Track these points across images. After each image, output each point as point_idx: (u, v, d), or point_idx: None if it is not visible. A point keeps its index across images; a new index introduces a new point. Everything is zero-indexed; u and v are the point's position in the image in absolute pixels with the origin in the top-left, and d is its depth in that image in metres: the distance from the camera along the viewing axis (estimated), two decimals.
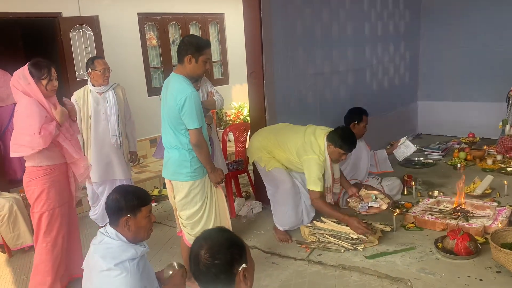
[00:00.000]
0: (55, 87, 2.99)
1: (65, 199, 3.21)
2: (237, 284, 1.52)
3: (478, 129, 6.54)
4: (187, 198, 3.08)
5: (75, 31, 5.70)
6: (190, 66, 2.93)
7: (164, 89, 3.11)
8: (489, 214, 3.91)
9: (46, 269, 3.17)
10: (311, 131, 3.76)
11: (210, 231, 1.62)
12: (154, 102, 6.70)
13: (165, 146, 3.13)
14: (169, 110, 2.97)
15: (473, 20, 6.78)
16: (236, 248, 1.55)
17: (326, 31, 5.35)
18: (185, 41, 2.98)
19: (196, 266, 1.53)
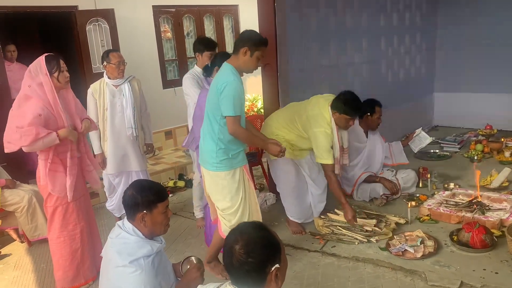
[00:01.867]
0: (67, 78, 3.02)
1: (80, 192, 3.23)
2: (268, 283, 1.52)
3: (495, 121, 6.43)
4: (216, 188, 3.07)
5: (91, 24, 5.76)
6: (244, 58, 2.93)
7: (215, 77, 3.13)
8: (506, 207, 3.87)
9: (66, 263, 3.21)
10: (315, 103, 3.68)
11: (248, 226, 1.60)
12: (169, 94, 6.77)
13: (201, 132, 3.15)
14: (210, 95, 2.98)
15: (491, 11, 6.64)
16: (272, 248, 1.54)
17: (340, 23, 5.31)
18: (245, 34, 3.00)
19: (229, 259, 1.52)
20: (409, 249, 3.32)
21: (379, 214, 4.01)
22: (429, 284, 2.99)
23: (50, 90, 2.94)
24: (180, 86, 4.34)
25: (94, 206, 4.96)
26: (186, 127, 6.75)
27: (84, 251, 3.26)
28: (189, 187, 5.24)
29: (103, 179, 4.21)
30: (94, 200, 5.03)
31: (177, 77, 6.96)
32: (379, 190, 4.32)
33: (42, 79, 2.92)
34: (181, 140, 6.84)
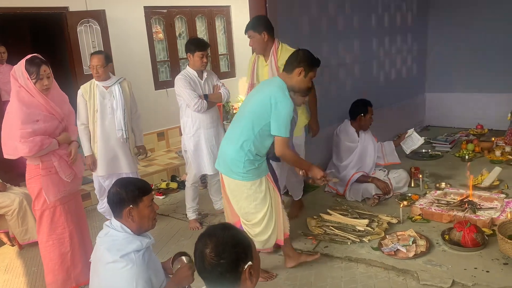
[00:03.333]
0: (45, 86, 2.92)
1: (69, 196, 3.19)
2: (243, 282, 1.52)
3: (486, 120, 6.49)
4: (241, 196, 3.03)
5: (82, 26, 5.73)
6: (298, 78, 2.98)
7: (260, 86, 3.15)
8: (496, 206, 3.89)
9: (56, 267, 3.18)
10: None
11: (215, 228, 1.60)
12: (161, 95, 6.75)
13: (226, 137, 3.10)
14: (257, 102, 2.95)
15: (482, 11, 6.69)
16: (242, 246, 1.54)
17: (332, 24, 5.32)
18: (300, 54, 3.02)
19: (201, 263, 1.52)
20: (402, 249, 3.33)
21: (371, 214, 4.03)
22: (421, 283, 3.00)
23: (37, 93, 2.92)
24: (172, 87, 4.34)
25: (86, 208, 4.91)
26: (178, 129, 6.73)
27: (74, 254, 3.22)
28: (182, 188, 5.23)
29: (94, 182, 4.19)
30: (86, 202, 5.00)
31: (169, 78, 6.94)
32: (371, 190, 4.33)
33: (25, 84, 2.90)
34: (174, 141, 6.85)
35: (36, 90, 2.90)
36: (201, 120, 3.99)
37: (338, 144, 4.57)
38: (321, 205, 4.36)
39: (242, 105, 3.19)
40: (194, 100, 3.89)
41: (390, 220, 3.86)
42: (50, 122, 2.98)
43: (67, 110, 3.18)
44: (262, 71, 3.72)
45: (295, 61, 2.98)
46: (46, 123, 2.95)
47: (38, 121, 2.92)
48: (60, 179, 3.07)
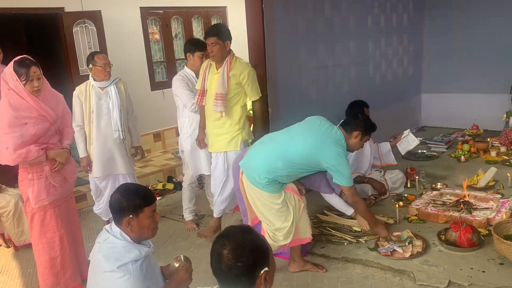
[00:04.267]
0: (36, 88, 2.90)
1: (61, 200, 3.17)
2: (257, 287, 1.51)
3: (482, 121, 6.52)
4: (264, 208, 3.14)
5: (77, 26, 5.72)
6: (355, 140, 3.22)
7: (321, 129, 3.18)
8: (492, 206, 3.91)
9: (46, 271, 3.17)
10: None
11: (235, 230, 1.59)
12: (157, 96, 6.74)
13: (263, 147, 3.18)
14: (311, 147, 3.05)
15: (477, 12, 6.72)
16: (260, 251, 1.53)
17: (328, 24, 5.33)
18: (361, 119, 3.26)
19: (217, 264, 1.51)
20: (398, 249, 3.34)
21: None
22: (417, 283, 3.01)
23: (27, 95, 2.89)
24: (169, 88, 4.35)
25: (82, 210, 4.95)
26: (175, 129, 6.72)
27: (64, 259, 3.19)
28: (178, 189, 5.22)
29: (90, 183, 4.17)
30: (81, 203, 5.00)
31: (165, 79, 6.93)
32: (367, 190, 4.34)
33: (15, 85, 2.87)
34: (170, 142, 6.84)
35: (26, 92, 2.87)
36: (198, 120, 3.99)
37: None
38: (317, 206, 4.34)
39: (295, 126, 3.25)
40: (191, 100, 3.90)
41: (387, 221, 3.87)
42: (40, 124, 2.94)
43: (61, 112, 3.14)
44: (212, 78, 3.72)
45: (354, 124, 3.21)
46: (36, 126, 2.91)
47: (26, 124, 2.88)
48: (50, 183, 3.06)
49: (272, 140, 3.21)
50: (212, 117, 3.76)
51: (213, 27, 3.90)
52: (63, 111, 3.17)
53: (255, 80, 3.74)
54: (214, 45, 3.59)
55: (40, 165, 3.01)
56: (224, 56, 3.67)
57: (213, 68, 3.75)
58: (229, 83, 3.63)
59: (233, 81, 3.64)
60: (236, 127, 3.74)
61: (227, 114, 3.69)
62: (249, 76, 3.66)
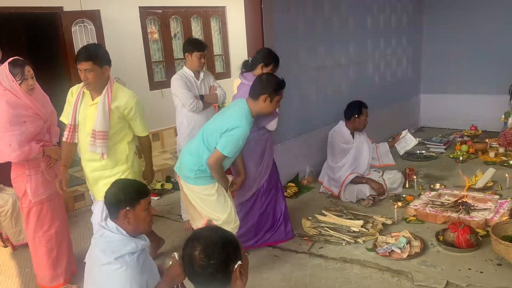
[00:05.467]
0: (30, 86, 3.00)
1: (54, 194, 3.23)
2: (233, 282, 1.51)
3: (480, 122, 6.53)
4: (203, 203, 3.14)
5: (76, 26, 5.71)
6: (263, 104, 3.04)
7: (227, 106, 3.26)
8: (490, 207, 3.92)
9: (43, 263, 3.22)
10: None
11: (202, 231, 1.60)
12: (156, 96, 6.73)
13: (187, 146, 3.24)
14: (217, 122, 3.08)
15: (476, 13, 6.74)
16: (230, 246, 1.53)
17: (327, 25, 5.34)
18: (264, 80, 3.06)
19: (190, 267, 1.51)
20: (396, 250, 3.34)
21: (366, 215, 4.04)
22: (415, 284, 3.01)
23: (23, 94, 2.98)
24: (168, 87, 4.35)
25: (80, 209, 4.95)
26: (173, 129, 6.71)
27: (60, 251, 3.27)
28: (177, 189, 5.21)
29: None
30: (80, 203, 4.99)
31: (164, 78, 6.92)
32: (366, 191, 4.34)
33: (10, 86, 2.96)
34: (169, 142, 6.83)
35: (22, 91, 2.97)
36: (197, 120, 3.98)
37: (333, 145, 4.57)
38: (316, 206, 4.37)
39: (208, 122, 3.25)
40: (189, 100, 3.89)
41: (385, 221, 3.88)
42: (36, 122, 3.03)
43: (50, 111, 3.23)
44: (86, 111, 3.03)
45: (260, 88, 3.02)
46: (33, 124, 3.01)
47: (25, 122, 2.97)
48: (46, 178, 3.15)
49: (195, 138, 3.26)
50: (88, 157, 3.09)
51: (87, 49, 2.96)
52: (51, 110, 3.25)
53: (143, 112, 3.16)
54: (89, 71, 2.87)
55: (36, 161, 3.09)
56: (103, 85, 2.98)
57: (87, 98, 3.03)
58: (111, 117, 2.98)
59: (116, 114, 3.00)
60: (123, 167, 3.11)
61: (110, 154, 3.04)
62: (137, 108, 3.08)
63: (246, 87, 3.27)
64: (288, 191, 4.72)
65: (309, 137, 5.17)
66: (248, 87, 3.17)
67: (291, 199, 4.64)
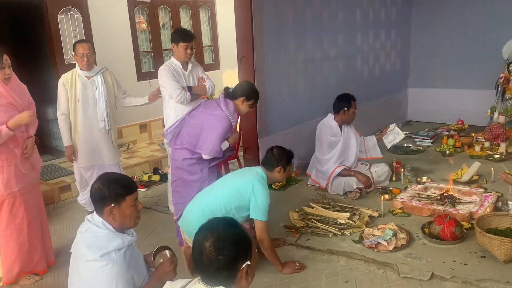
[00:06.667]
0: (7, 75, 2.96)
1: (28, 187, 3.20)
2: (238, 280, 1.51)
3: (467, 116, 6.59)
4: None
5: (63, 14, 5.61)
6: (278, 175, 3.29)
7: None
8: (475, 200, 3.96)
9: (12, 257, 3.19)
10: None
11: (218, 222, 1.57)
12: (144, 86, 6.64)
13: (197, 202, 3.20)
14: (237, 183, 3.15)
15: (464, 8, 6.78)
16: (242, 244, 1.53)
17: (317, 17, 5.32)
18: (275, 154, 3.29)
19: (199, 256, 1.50)
20: (382, 242, 3.37)
21: (353, 207, 4.06)
22: (401, 276, 3.04)
23: None
24: (156, 78, 4.30)
25: (66, 200, 4.90)
26: (161, 120, 6.66)
27: (32, 245, 3.23)
28: (164, 181, 5.19)
29: (75, 173, 4.12)
30: (66, 194, 4.95)
31: (152, 69, 6.85)
32: (353, 183, 4.36)
33: None
34: (156, 133, 6.78)
35: None
36: (184, 111, 3.95)
37: (321, 138, 4.58)
38: (303, 198, 4.38)
39: (216, 182, 3.34)
40: (177, 91, 3.86)
41: (372, 214, 3.90)
42: (10, 112, 2.99)
43: (27, 101, 3.18)
44: None
45: (273, 160, 3.26)
46: (6, 114, 2.97)
47: None
48: (19, 170, 3.11)
49: (200, 194, 3.26)
50: None
51: None
52: (28, 101, 3.21)
53: None
54: None
55: (11, 153, 3.05)
56: None
57: None
58: None
59: None
60: None
61: None
62: None
63: (226, 121, 3.44)
64: (276, 183, 4.72)
65: (298, 129, 5.17)
66: (228, 123, 3.44)
67: (279, 191, 4.65)
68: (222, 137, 3.45)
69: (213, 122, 3.45)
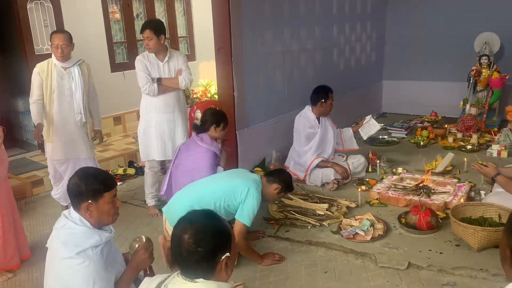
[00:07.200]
0: None
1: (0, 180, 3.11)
2: (217, 272, 1.50)
3: (440, 108, 6.72)
4: None
5: (32, 3, 5.42)
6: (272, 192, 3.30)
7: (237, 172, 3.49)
8: (449, 190, 4.05)
9: None
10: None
11: (197, 214, 1.55)
12: (117, 78, 6.52)
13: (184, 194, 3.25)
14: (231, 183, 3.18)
15: (438, 2, 6.89)
16: (221, 236, 1.51)
17: (294, 8, 5.30)
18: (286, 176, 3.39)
19: (177, 248, 1.48)
20: (360, 232, 3.40)
21: (331, 198, 4.09)
22: (379, 265, 3.08)
23: None
24: (129, 69, 4.24)
25: (39, 195, 4.76)
26: (136, 113, 6.55)
27: (6, 240, 3.15)
28: (140, 174, 5.11)
29: (48, 166, 4.01)
30: (38, 188, 4.81)
31: (126, 60, 6.71)
32: (330, 175, 4.39)
33: None
34: (131, 126, 6.66)
35: None
36: (154, 103, 3.94)
37: (299, 130, 4.58)
38: None
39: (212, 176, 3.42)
40: (142, 82, 3.85)
41: (349, 204, 3.94)
42: None
43: None
44: None
45: (278, 177, 3.31)
46: None
47: None
48: None
49: (191, 186, 3.30)
50: None
51: None
52: None
53: None
54: None
55: None
56: None
57: None
58: None
59: None
60: None
61: None
62: None
63: (208, 152, 3.67)
64: None
65: (275, 121, 5.17)
66: (211, 153, 3.66)
67: None
68: (213, 168, 3.65)
69: (198, 159, 3.67)
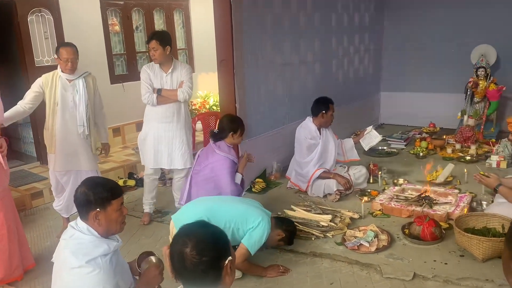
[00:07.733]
0: None
1: (3, 192, 3.12)
2: (223, 278, 1.49)
3: (438, 119, 6.76)
4: None
5: (33, 15, 5.44)
6: (275, 237, 3.32)
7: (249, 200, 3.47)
8: (451, 201, 4.06)
9: None
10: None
11: (192, 226, 1.55)
12: (117, 90, 6.52)
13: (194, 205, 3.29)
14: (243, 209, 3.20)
15: (435, 14, 6.99)
16: (221, 242, 1.52)
17: (294, 21, 5.36)
18: (292, 227, 3.48)
19: (180, 264, 1.47)
20: (364, 243, 3.40)
21: (333, 209, 4.09)
22: (384, 276, 3.07)
23: None
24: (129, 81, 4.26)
25: (39, 207, 4.74)
26: (135, 124, 6.55)
27: (12, 251, 3.15)
28: (140, 186, 5.09)
29: (50, 177, 3.98)
30: (38, 200, 4.78)
31: (125, 72, 6.73)
32: (332, 186, 4.39)
33: None
34: (130, 137, 6.66)
35: None
36: (154, 113, 4.02)
37: (300, 141, 4.60)
38: (284, 202, 4.38)
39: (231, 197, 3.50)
40: (142, 91, 3.95)
41: (352, 215, 3.94)
42: None
43: None
44: None
45: (284, 226, 3.39)
46: None
47: None
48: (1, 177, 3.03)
49: (206, 199, 3.33)
50: None
51: None
52: None
53: None
54: None
55: None
56: None
57: None
58: None
59: None
60: None
61: None
62: None
63: (226, 160, 3.69)
64: (256, 186, 4.73)
65: (276, 133, 5.19)
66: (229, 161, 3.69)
67: (259, 194, 4.63)
68: (231, 175, 3.69)
69: (217, 168, 3.71)
